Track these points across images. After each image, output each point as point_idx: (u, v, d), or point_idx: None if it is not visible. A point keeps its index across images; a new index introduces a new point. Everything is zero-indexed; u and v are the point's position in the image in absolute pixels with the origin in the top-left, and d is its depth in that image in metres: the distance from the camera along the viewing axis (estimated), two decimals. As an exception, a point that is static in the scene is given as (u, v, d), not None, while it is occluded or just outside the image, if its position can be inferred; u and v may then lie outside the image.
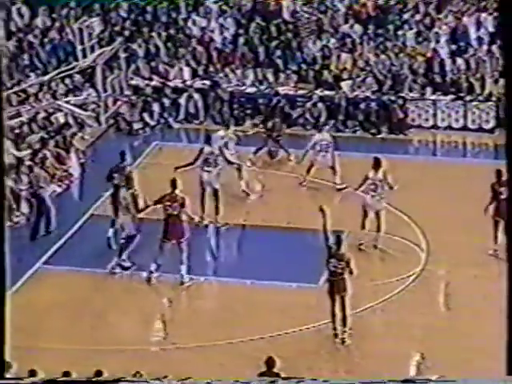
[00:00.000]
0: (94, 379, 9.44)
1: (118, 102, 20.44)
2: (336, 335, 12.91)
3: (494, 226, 14.87)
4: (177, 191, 14.27)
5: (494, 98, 19.91)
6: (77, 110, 18.98)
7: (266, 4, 22.14)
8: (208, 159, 15.94)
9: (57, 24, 21.81)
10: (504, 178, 14.40)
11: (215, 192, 15.93)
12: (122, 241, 14.66)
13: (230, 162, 16.24)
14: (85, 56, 20.18)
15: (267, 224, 16.01)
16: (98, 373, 10.19)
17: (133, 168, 16.20)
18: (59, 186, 17.14)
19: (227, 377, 11.46)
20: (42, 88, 19.74)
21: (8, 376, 8.49)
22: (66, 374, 9.95)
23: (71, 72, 19.85)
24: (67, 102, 19.04)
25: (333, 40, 21.33)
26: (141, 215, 14.70)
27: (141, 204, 14.59)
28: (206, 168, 15.94)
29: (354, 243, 14.79)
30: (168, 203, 14.16)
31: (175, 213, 14.10)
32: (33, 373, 9.88)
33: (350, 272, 12.79)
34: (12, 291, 13.84)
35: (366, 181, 15.04)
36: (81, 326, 13.36)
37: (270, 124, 18.66)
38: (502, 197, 14.56)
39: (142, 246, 14.72)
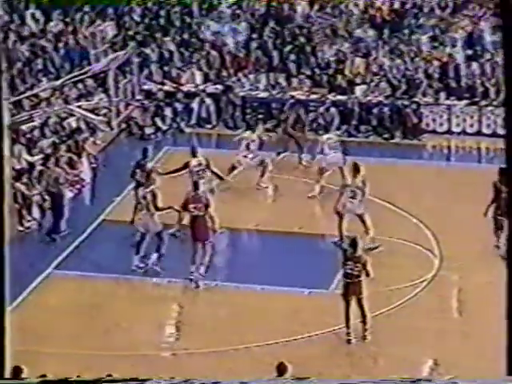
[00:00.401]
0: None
1: (130, 107, 20.43)
2: (349, 339, 12.83)
3: (494, 223, 14.84)
4: (199, 192, 14.26)
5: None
6: (89, 114, 18.97)
7: (279, 8, 22.09)
8: (198, 171, 15.83)
9: (70, 28, 21.85)
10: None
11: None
12: (143, 240, 14.60)
13: (217, 176, 16.12)
14: (98, 60, 20.20)
15: (279, 229, 15.92)
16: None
17: (154, 166, 16.12)
18: (71, 190, 17.13)
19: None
20: (55, 93, 19.76)
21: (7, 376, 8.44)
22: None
23: (84, 77, 19.85)
24: (79, 107, 19.04)
25: (347, 44, 21.26)
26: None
27: (160, 203, 14.60)
28: (198, 180, 15.79)
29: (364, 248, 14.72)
30: (193, 205, 14.14)
31: (201, 213, 14.10)
32: (43, 378, 9.82)
33: (367, 274, 12.74)
34: (23, 296, 13.89)
35: (345, 188, 14.93)
36: (92, 331, 13.32)
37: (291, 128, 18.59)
38: (503, 195, 14.53)
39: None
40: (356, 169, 15.05)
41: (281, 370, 10.41)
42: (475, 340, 12.80)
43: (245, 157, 17.40)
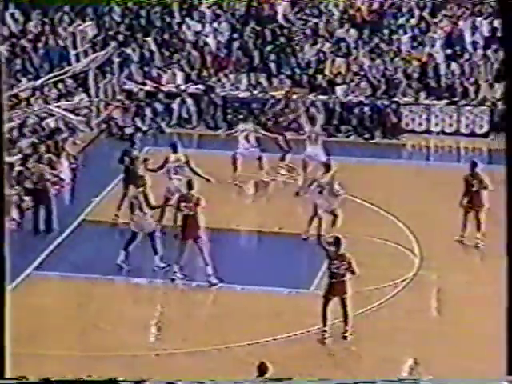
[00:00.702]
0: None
1: (110, 107, 20.41)
2: (324, 339, 12.82)
3: (464, 215, 15.14)
4: (193, 192, 14.29)
5: (488, 103, 19.89)
6: (68, 114, 18.92)
7: (260, 8, 22.12)
8: (176, 167, 15.86)
9: (50, 28, 21.78)
10: (477, 169, 15.14)
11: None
12: (134, 240, 14.59)
13: (195, 173, 16.11)
14: (78, 60, 20.15)
15: (259, 229, 15.94)
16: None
17: (146, 162, 16.11)
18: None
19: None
20: (34, 93, 19.69)
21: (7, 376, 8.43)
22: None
23: (64, 76, 19.80)
24: (59, 107, 18.99)
25: (327, 44, 21.31)
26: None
27: (153, 201, 14.62)
28: (173, 176, 15.85)
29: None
30: (184, 204, 14.19)
31: (191, 213, 14.11)
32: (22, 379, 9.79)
33: (353, 272, 12.73)
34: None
35: (313, 182, 15.14)
36: (72, 332, 13.29)
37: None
38: (474, 189, 15.01)
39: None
40: (327, 166, 15.17)
41: (262, 369, 10.45)
42: (454, 339, 12.86)
43: (246, 149, 17.42)
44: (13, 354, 9.67)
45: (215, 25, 21.94)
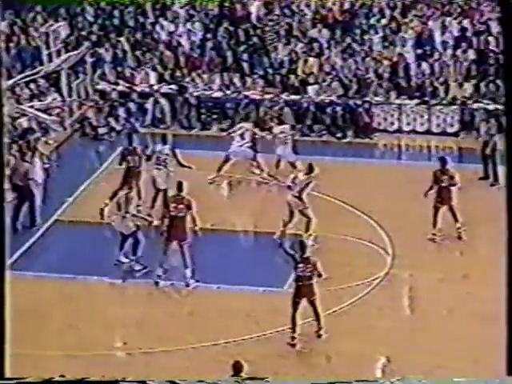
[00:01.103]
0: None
1: (84, 107, 20.39)
2: (294, 344, 12.85)
3: (434, 212, 15.38)
4: (183, 193, 14.31)
5: (458, 102, 20.11)
6: (41, 114, 18.90)
7: (233, 9, 22.19)
8: (159, 158, 16.05)
9: (22, 28, 21.71)
10: (447, 166, 15.52)
11: (164, 193, 15.96)
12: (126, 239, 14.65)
13: (181, 165, 16.24)
14: (50, 60, 20.11)
15: (233, 228, 16.03)
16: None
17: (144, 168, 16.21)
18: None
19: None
20: (6, 93, 19.61)
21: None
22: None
23: (36, 76, 19.77)
24: (31, 107, 18.96)
25: (300, 44, 21.43)
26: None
27: (132, 208, 14.70)
28: (156, 166, 16.04)
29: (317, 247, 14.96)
30: (174, 205, 14.19)
31: (181, 215, 14.12)
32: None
33: (319, 275, 12.84)
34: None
35: (294, 180, 15.35)
36: (47, 331, 13.30)
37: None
38: (443, 184, 15.35)
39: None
40: (310, 168, 15.30)
41: (237, 368, 10.55)
42: (426, 337, 13.02)
43: (240, 146, 17.49)
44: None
45: (188, 25, 21.98)
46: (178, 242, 14.27)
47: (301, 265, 12.83)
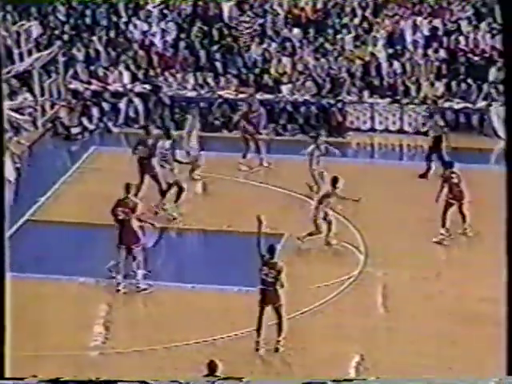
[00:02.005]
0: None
1: (56, 106, 20.29)
2: (257, 348, 12.67)
3: (444, 210, 15.39)
4: (130, 195, 14.19)
5: (429, 101, 20.21)
6: (13, 114, 18.78)
7: (206, 8, 22.17)
8: (164, 155, 15.98)
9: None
10: (454, 168, 15.53)
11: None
12: None
13: (179, 162, 16.19)
14: (22, 60, 19.99)
15: (207, 228, 16.01)
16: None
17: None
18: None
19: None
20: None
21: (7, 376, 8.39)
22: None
23: (7, 76, 19.63)
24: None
25: (273, 44, 21.46)
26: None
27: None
28: (161, 163, 15.97)
29: (292, 246, 14.98)
30: (120, 208, 14.04)
31: (127, 218, 14.01)
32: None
33: (281, 285, 12.57)
34: None
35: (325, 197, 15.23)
36: (18, 332, 13.19)
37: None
38: (454, 181, 15.34)
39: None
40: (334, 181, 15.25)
41: (211, 368, 10.53)
42: (400, 335, 13.08)
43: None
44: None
45: (162, 24, 21.94)
46: (128, 246, 14.02)
47: (265, 268, 12.61)
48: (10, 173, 17.51)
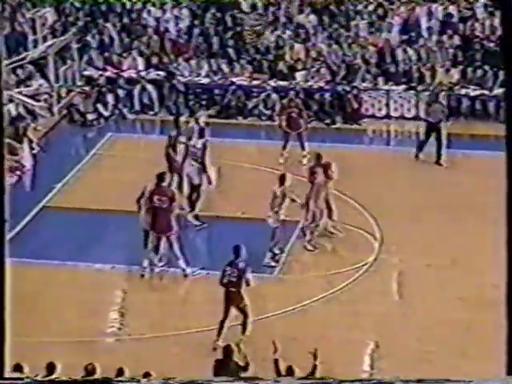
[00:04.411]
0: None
1: (71, 93, 20.33)
2: (215, 347, 12.28)
3: None
4: (164, 184, 14.12)
5: (444, 88, 20.13)
6: (29, 100, 18.82)
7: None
8: (192, 151, 15.66)
9: (8, 14, 21.58)
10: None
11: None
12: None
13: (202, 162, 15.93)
14: (36, 46, 20.03)
15: (221, 214, 16.02)
16: (51, 365, 10.16)
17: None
18: (11, 176, 17.02)
19: (183, 366, 11.54)
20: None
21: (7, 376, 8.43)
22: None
23: (22, 62, 19.67)
24: (19, 93, 18.88)
25: (287, 31, 21.40)
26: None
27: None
28: (189, 162, 15.71)
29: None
30: (157, 196, 13.95)
31: (164, 206, 13.92)
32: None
33: (247, 283, 12.30)
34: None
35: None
36: (33, 318, 13.27)
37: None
38: None
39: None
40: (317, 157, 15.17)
41: (227, 352, 10.55)
42: (415, 322, 13.07)
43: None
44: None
45: (176, 11, 21.92)
46: (164, 234, 14.02)
47: (228, 268, 12.40)
48: (26, 159, 17.61)
